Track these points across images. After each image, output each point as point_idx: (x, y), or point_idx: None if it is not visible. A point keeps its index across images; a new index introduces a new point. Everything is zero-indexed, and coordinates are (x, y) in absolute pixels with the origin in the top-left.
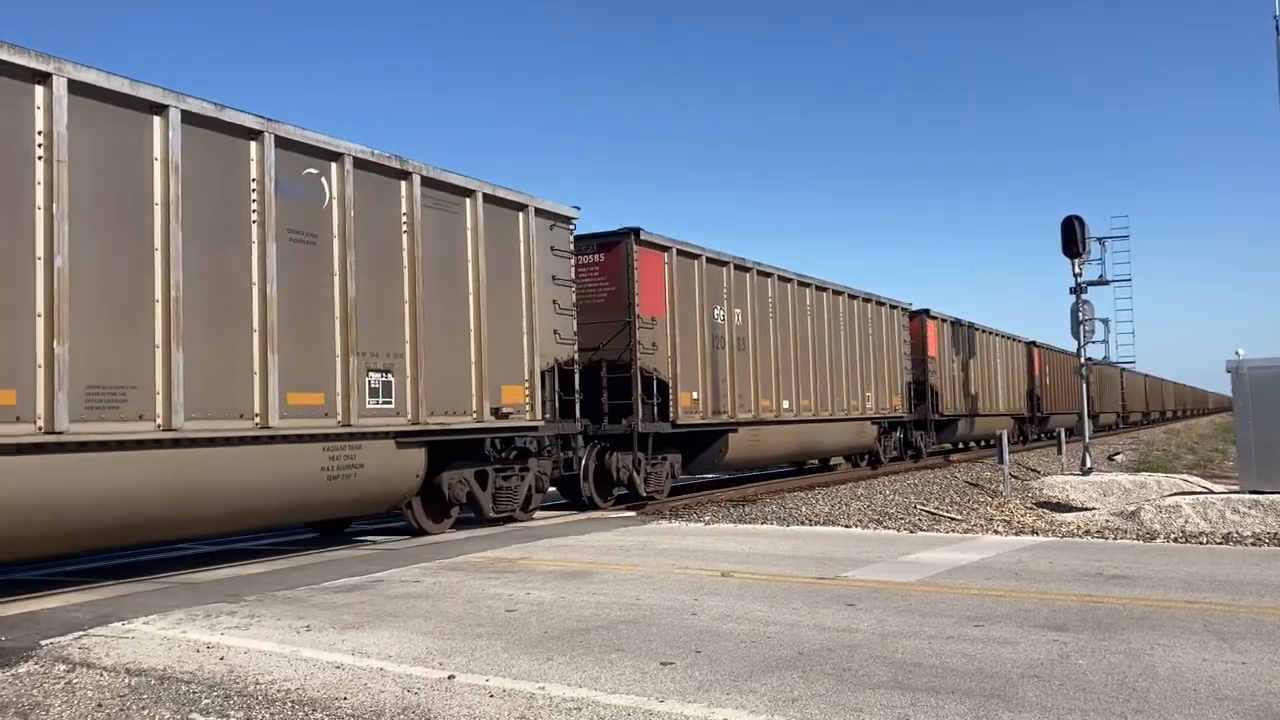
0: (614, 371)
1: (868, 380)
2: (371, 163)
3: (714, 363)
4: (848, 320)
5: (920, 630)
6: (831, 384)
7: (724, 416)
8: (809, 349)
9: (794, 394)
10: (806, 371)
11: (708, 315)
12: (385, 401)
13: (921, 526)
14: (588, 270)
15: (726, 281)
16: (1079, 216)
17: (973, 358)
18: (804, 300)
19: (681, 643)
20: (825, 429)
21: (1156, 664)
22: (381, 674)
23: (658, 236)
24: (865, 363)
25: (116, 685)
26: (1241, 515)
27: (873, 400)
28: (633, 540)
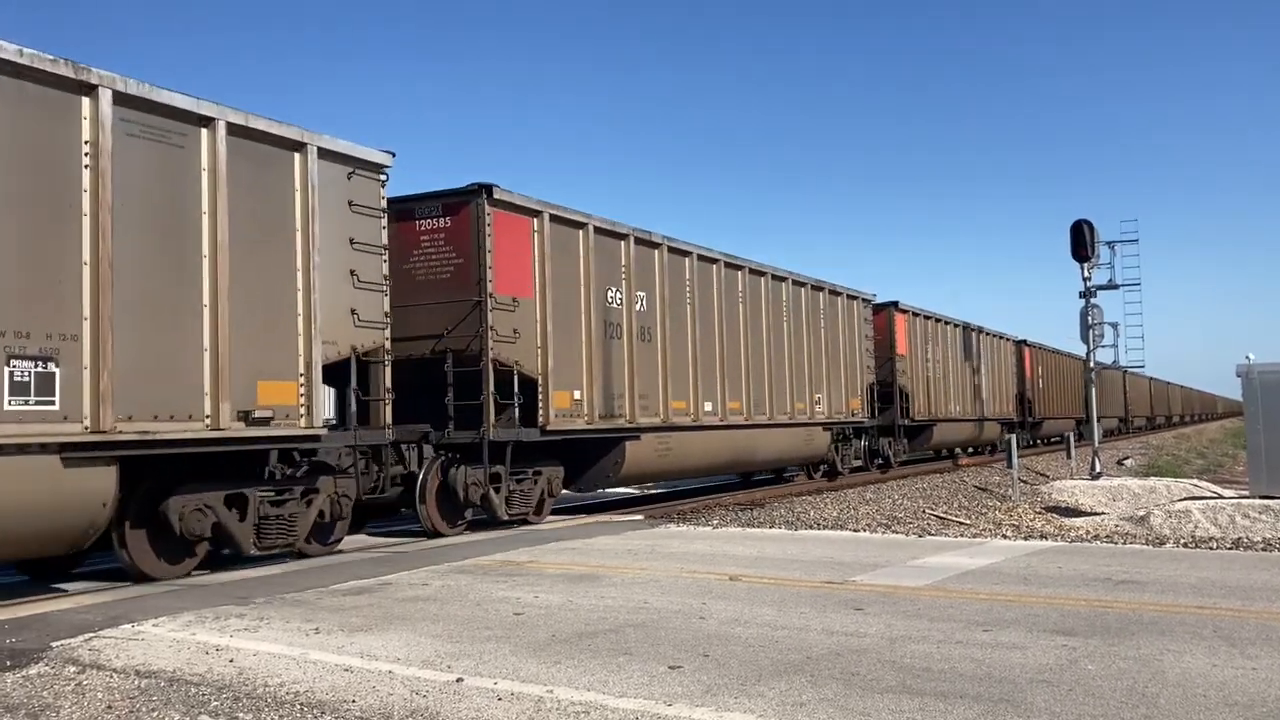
0: (461, 364)
1: (819, 380)
2: (26, 68)
3: (607, 356)
4: (794, 311)
5: (929, 635)
6: (771, 384)
7: (619, 421)
8: (740, 343)
9: (719, 395)
10: (737, 369)
11: (598, 298)
12: (41, 401)
13: (930, 531)
14: (431, 238)
15: (626, 258)
16: (1088, 221)
17: (951, 357)
18: (734, 286)
19: (689, 646)
20: (762, 436)
21: (1166, 670)
22: (390, 677)
23: (522, 197)
24: (816, 360)
25: (126, 687)
26: (1252, 520)
27: (825, 403)
28: (640, 544)
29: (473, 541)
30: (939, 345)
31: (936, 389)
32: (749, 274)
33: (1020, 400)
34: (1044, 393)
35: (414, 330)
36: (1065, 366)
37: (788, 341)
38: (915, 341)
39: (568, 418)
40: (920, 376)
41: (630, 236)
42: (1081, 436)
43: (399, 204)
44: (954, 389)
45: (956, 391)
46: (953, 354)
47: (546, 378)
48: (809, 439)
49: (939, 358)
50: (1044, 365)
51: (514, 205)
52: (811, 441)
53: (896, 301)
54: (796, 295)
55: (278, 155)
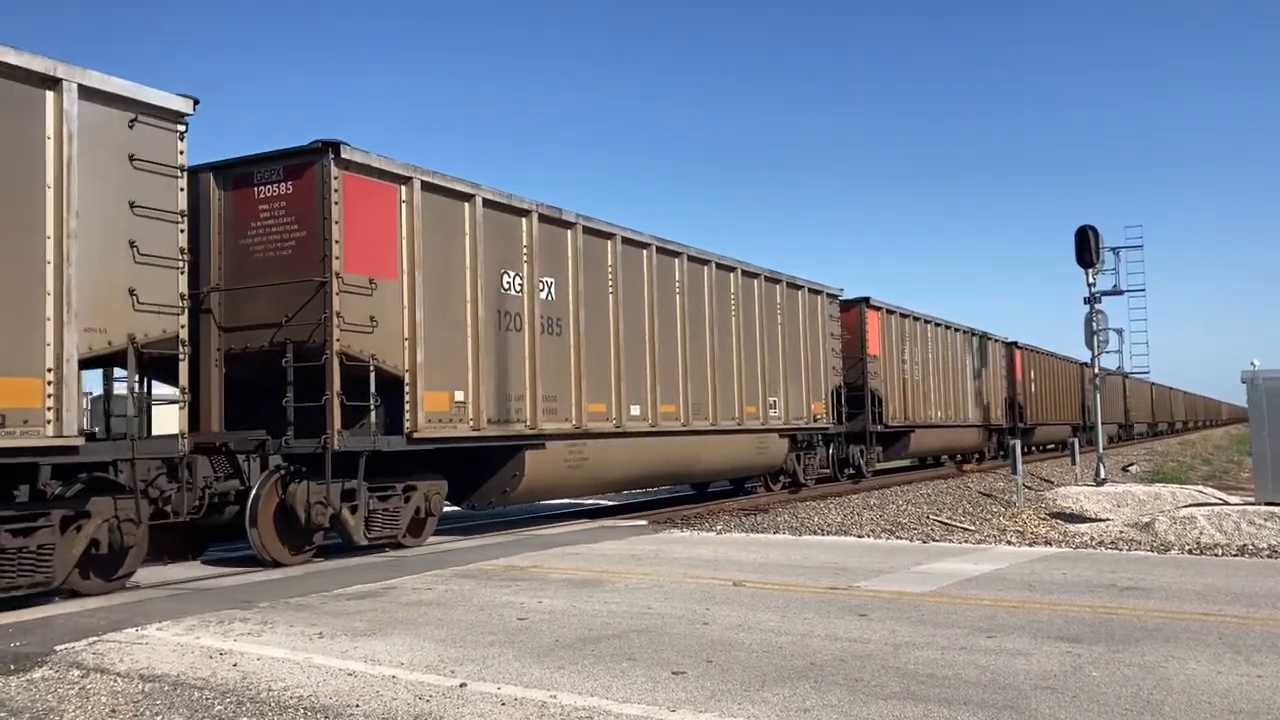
0: (303, 358)
1: (774, 382)
2: None
3: (501, 352)
4: (744, 305)
5: (933, 641)
6: (715, 386)
7: (517, 427)
8: (678, 339)
9: (649, 398)
10: (672, 369)
11: (490, 283)
12: None
13: (934, 537)
14: (271, 208)
15: (528, 238)
16: (1093, 226)
17: (932, 358)
18: (670, 275)
19: (693, 652)
20: (705, 444)
21: (1171, 676)
22: (393, 681)
23: (384, 159)
24: (771, 360)
25: (130, 691)
26: (1257, 527)
27: (782, 408)
28: (645, 549)
29: (480, 545)
30: (918, 346)
31: (915, 393)
32: (688, 262)
33: (1011, 405)
34: (1037, 397)
35: (252, 318)
36: (1060, 370)
37: (736, 339)
38: (890, 341)
39: (446, 423)
40: (895, 379)
41: (533, 213)
42: (1089, 442)
43: (236, 168)
44: (935, 393)
45: (938, 396)
46: (934, 355)
47: (415, 375)
48: (762, 447)
49: (918, 359)
50: (1037, 369)
51: (372, 169)
52: (766, 450)
53: (868, 298)
54: (747, 288)
55: (20, 93)
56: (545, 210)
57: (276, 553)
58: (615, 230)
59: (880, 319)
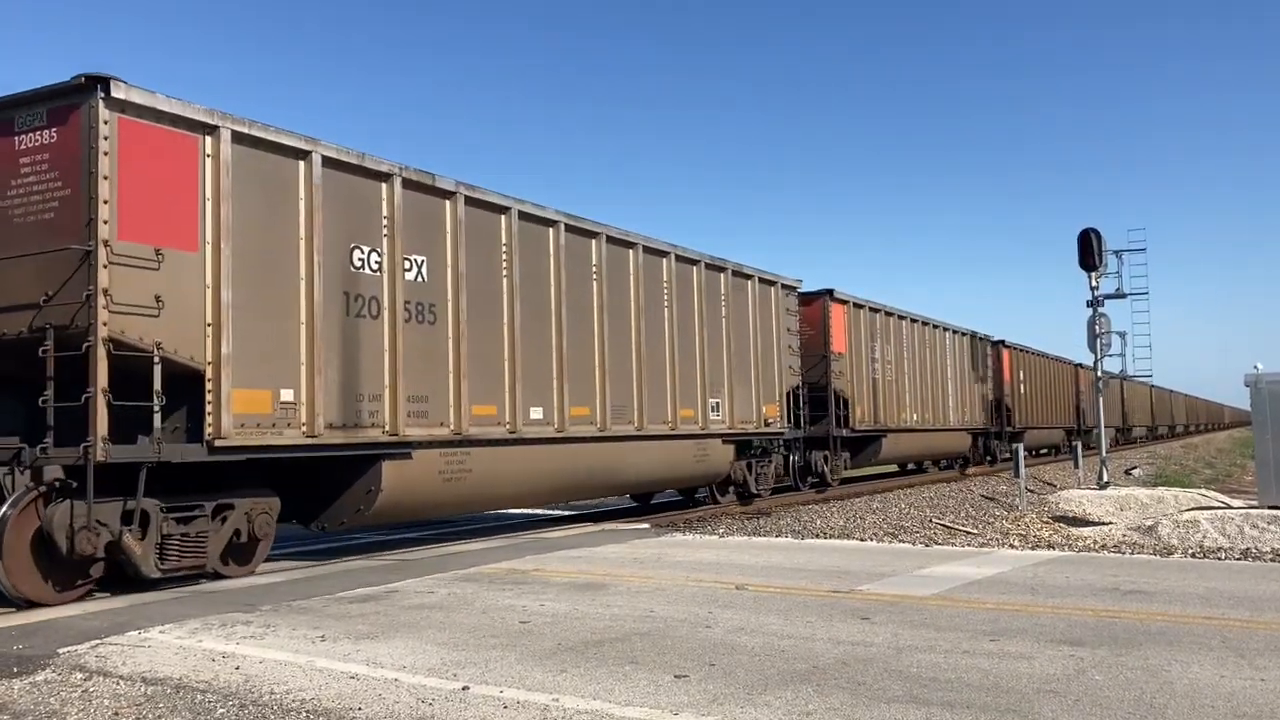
0: (66, 346)
1: (717, 382)
2: None
3: (349, 342)
4: (679, 295)
5: (935, 644)
6: (642, 385)
7: (372, 433)
8: (594, 332)
9: (556, 398)
10: (587, 365)
11: (332, 259)
12: None
13: (937, 540)
14: (34, 161)
15: (389, 208)
16: (1095, 229)
17: (907, 357)
18: (585, 258)
19: (696, 655)
20: (629, 451)
21: (1174, 680)
22: (396, 685)
23: (177, 102)
24: (713, 357)
25: (133, 694)
26: (1261, 531)
27: (726, 410)
28: (647, 552)
29: (480, 550)
30: (890, 343)
31: (887, 394)
32: (608, 244)
33: (998, 408)
34: (1027, 400)
35: (11, 296)
36: (1053, 371)
37: (669, 333)
38: (858, 337)
39: (266, 428)
40: (864, 379)
41: (395, 177)
42: (1089, 447)
43: None
44: (911, 394)
45: (914, 397)
46: (910, 354)
47: (220, 369)
48: (701, 454)
49: (890, 358)
50: (1027, 369)
51: (162, 113)
52: (706, 458)
53: (831, 290)
54: (683, 275)
55: None
56: (414, 176)
57: (34, 591)
58: (510, 203)
59: (846, 313)
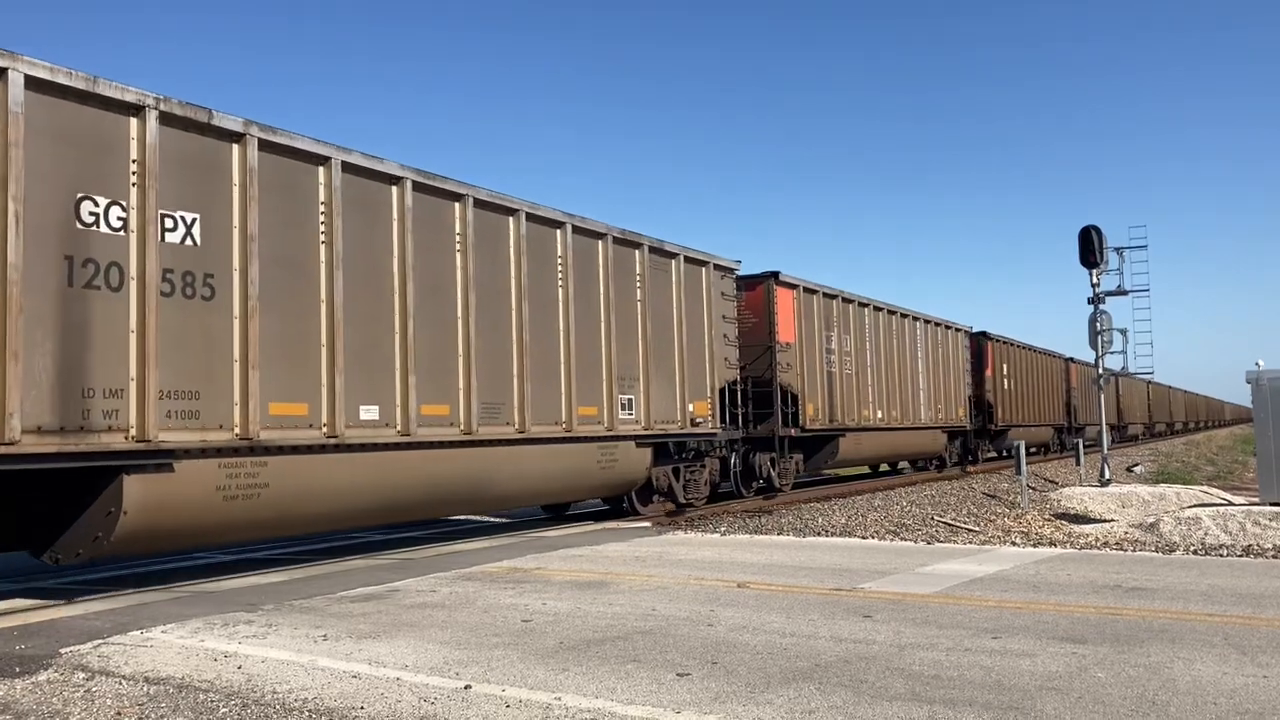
0: None
1: (629, 377)
2: None
3: (73, 320)
4: (580, 274)
5: (937, 642)
6: (526, 379)
7: (108, 439)
8: (456, 314)
9: (398, 394)
10: (447, 355)
11: (49, 213)
12: None
13: (939, 538)
14: None
15: (141, 150)
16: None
17: (870, 349)
18: (445, 225)
19: (698, 654)
20: (508, 458)
21: (1176, 677)
22: (398, 684)
23: None
24: (625, 348)
25: (135, 694)
26: (1263, 527)
27: (640, 408)
28: (649, 551)
29: (484, 548)
30: (851, 333)
31: (846, 389)
32: (477, 208)
33: (979, 404)
34: (1011, 396)
35: None
36: (1041, 366)
37: (566, 317)
38: (810, 326)
39: None
40: (818, 372)
41: (150, 111)
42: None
43: None
44: (876, 390)
45: (879, 393)
46: (873, 345)
47: None
48: (608, 460)
49: (850, 349)
50: (1012, 363)
51: None
52: (614, 464)
53: (776, 272)
54: (586, 251)
55: None
56: (179, 109)
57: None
58: (332, 153)
59: (795, 299)
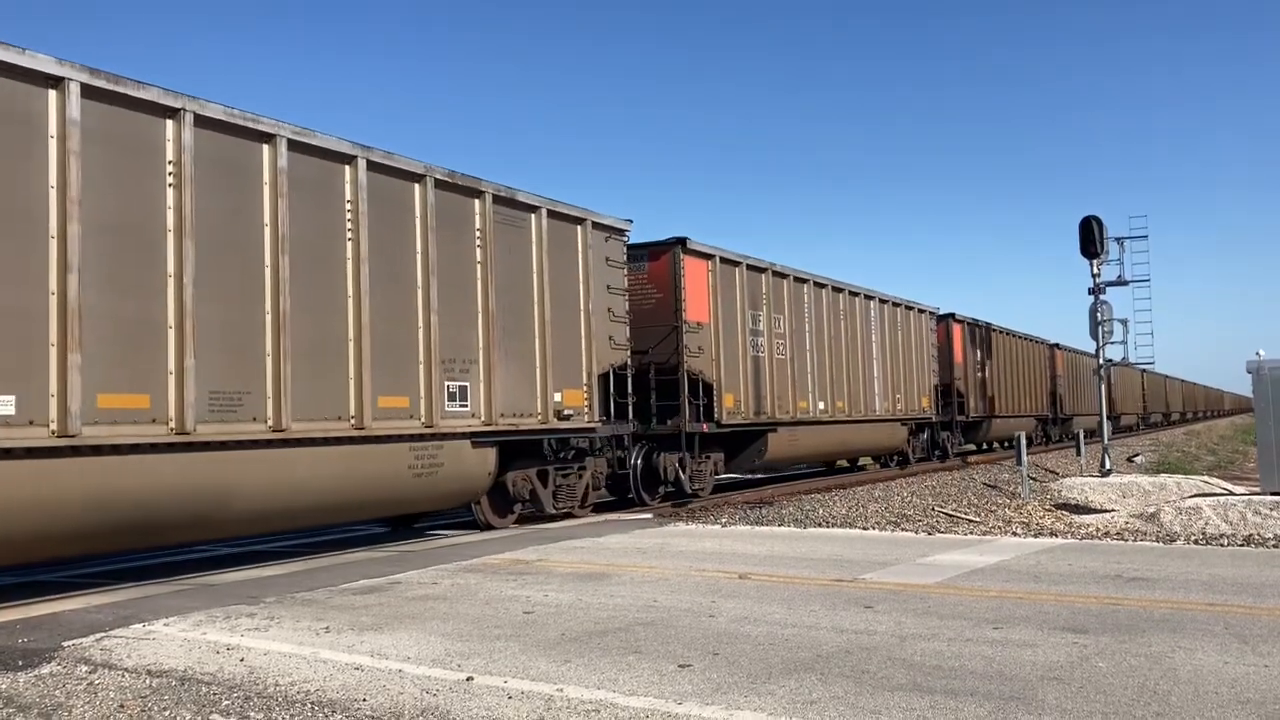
0: None
1: (465, 355)
2: None
3: None
4: (384, 224)
5: (939, 632)
6: (289, 358)
7: None
8: (166, 269)
9: (57, 380)
10: (143, 324)
11: None
12: None
13: (939, 529)
14: None
15: None
16: (1097, 217)
17: (811, 331)
18: (150, 150)
19: (699, 645)
20: (256, 466)
21: (1178, 667)
22: (400, 675)
23: None
24: (459, 319)
25: (138, 686)
26: (1263, 517)
27: (480, 398)
28: (650, 542)
29: (482, 540)
30: (785, 313)
31: (778, 378)
32: (200, 127)
33: (948, 394)
34: (986, 384)
35: None
36: (1021, 352)
37: (357, 279)
38: (730, 304)
39: None
40: (741, 358)
41: None
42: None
43: None
44: (817, 378)
45: (821, 382)
46: (814, 328)
47: None
48: (428, 466)
49: (784, 331)
50: (986, 349)
51: None
52: (437, 470)
53: (684, 239)
54: (390, 196)
55: None
56: None
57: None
58: (70, 74)
59: (710, 272)
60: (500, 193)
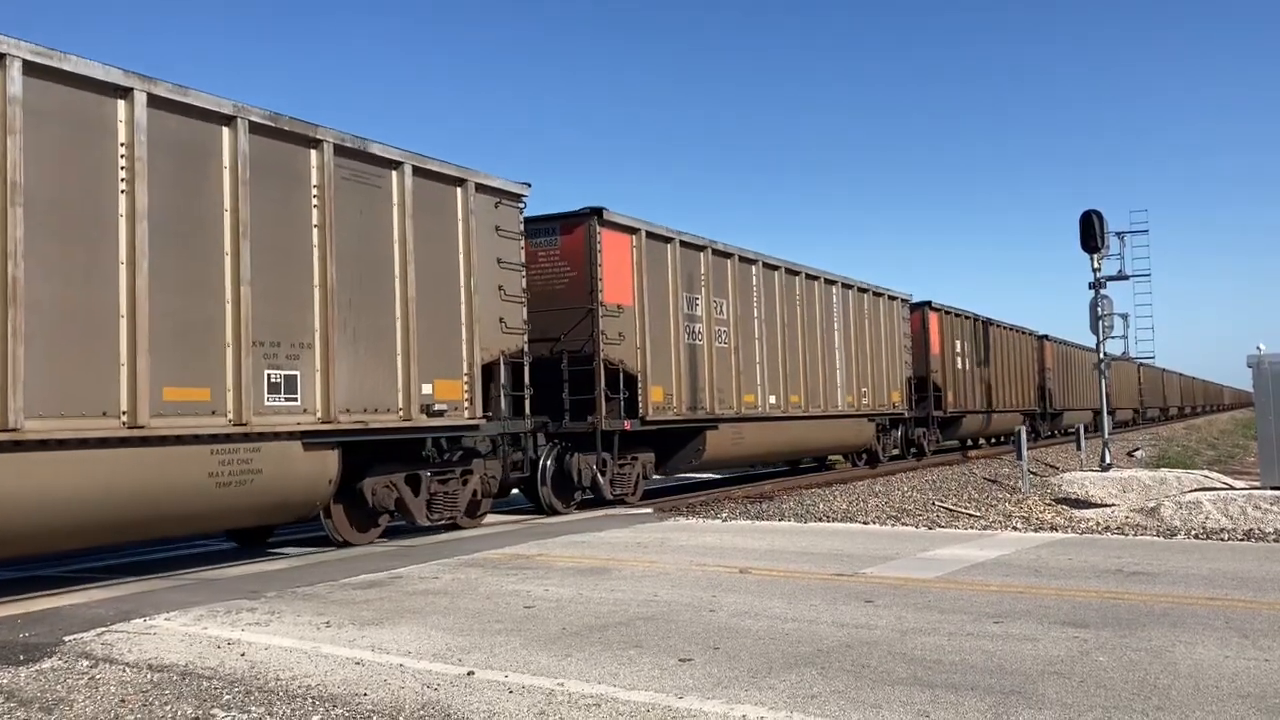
0: None
1: (298, 336)
2: None
3: None
4: (175, 176)
5: (939, 627)
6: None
7: None
8: None
9: None
10: None
11: None
12: None
13: (940, 523)
14: None
15: None
16: (1097, 211)
17: (761, 317)
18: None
19: (700, 639)
20: None
21: (1178, 661)
22: (401, 670)
23: None
24: (287, 291)
25: (139, 681)
26: (1264, 511)
27: (316, 389)
28: (650, 537)
29: (486, 535)
30: (729, 297)
31: (720, 368)
32: (32, 76)
33: (923, 387)
34: (966, 377)
35: None
36: (1005, 343)
37: (130, 244)
38: (660, 285)
39: None
40: (671, 346)
41: None
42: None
43: None
44: (768, 369)
45: (771, 373)
46: (764, 313)
47: None
48: (240, 474)
49: (726, 316)
50: (967, 339)
51: None
52: (253, 479)
53: (600, 209)
54: (191, 143)
55: None
56: None
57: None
58: None
59: (634, 248)
60: (346, 143)
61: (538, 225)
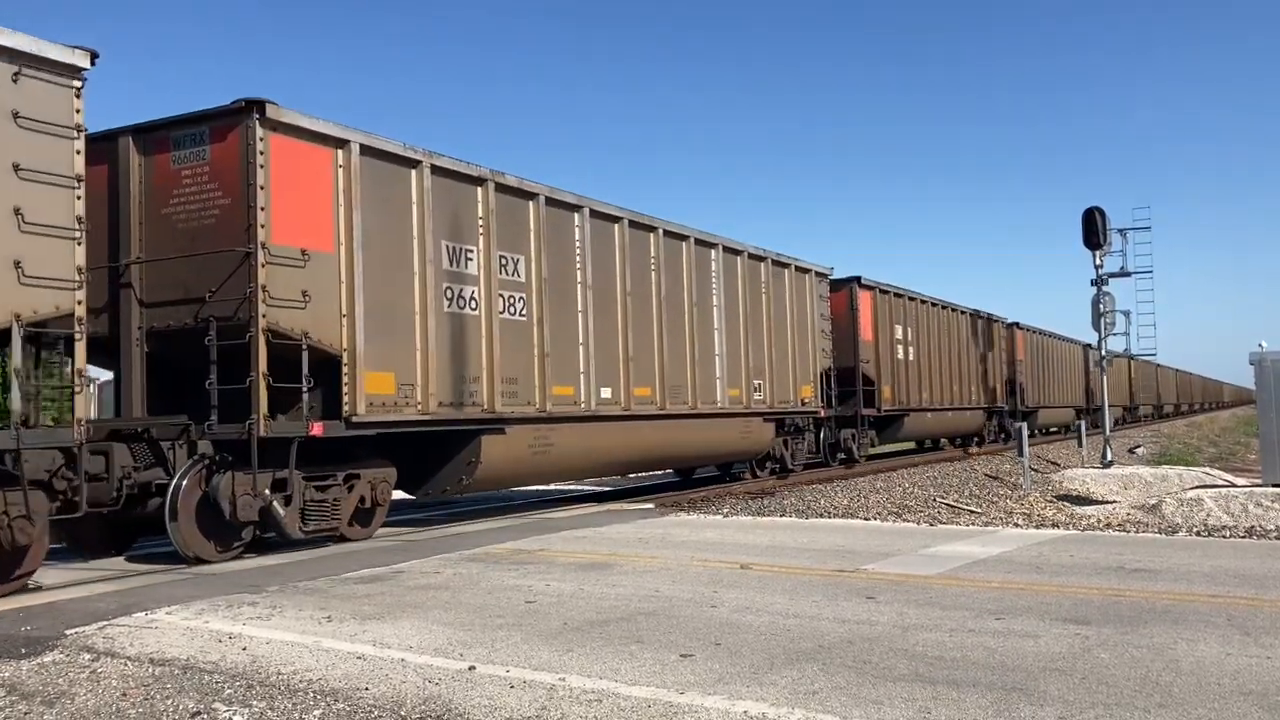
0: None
1: None
2: None
3: None
4: None
5: (941, 623)
6: None
7: None
8: None
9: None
10: None
11: None
12: None
13: (941, 519)
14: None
15: None
16: (1100, 208)
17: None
18: None
19: (701, 635)
20: None
21: (1180, 658)
22: (403, 665)
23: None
24: None
25: (140, 674)
26: (1265, 509)
27: None
28: (652, 532)
29: (488, 529)
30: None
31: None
32: None
33: (849, 380)
34: (913, 370)
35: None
36: (964, 331)
37: None
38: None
39: None
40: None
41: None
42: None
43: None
44: (600, 353)
45: (603, 358)
46: (593, 277)
47: None
48: None
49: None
50: (912, 326)
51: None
52: None
53: (263, 102)
54: None
55: None
56: None
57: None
58: None
59: (339, 166)
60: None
61: (182, 130)
